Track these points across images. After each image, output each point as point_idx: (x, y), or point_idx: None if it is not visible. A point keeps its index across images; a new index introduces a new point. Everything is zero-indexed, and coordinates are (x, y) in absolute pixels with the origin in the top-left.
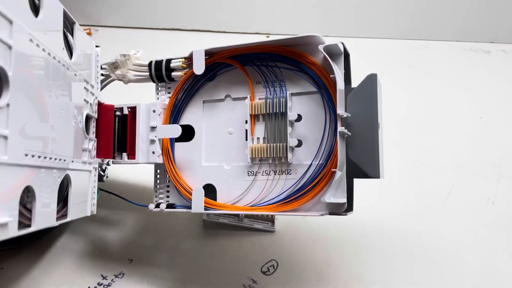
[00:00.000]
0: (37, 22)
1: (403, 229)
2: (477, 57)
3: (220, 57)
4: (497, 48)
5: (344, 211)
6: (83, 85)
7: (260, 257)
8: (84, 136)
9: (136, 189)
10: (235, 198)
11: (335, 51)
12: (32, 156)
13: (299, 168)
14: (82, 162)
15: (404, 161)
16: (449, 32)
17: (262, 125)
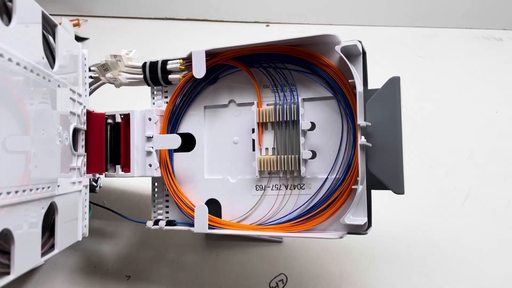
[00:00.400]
0: (9, 31)
1: (419, 237)
2: (489, 45)
3: (222, 58)
4: (510, 36)
5: (364, 230)
6: (69, 96)
7: (268, 271)
8: (71, 153)
9: (132, 196)
10: (242, 215)
11: (353, 52)
12: (7, 193)
13: (313, 182)
14: (71, 183)
15: (417, 161)
16: (458, 18)
17: (271, 134)
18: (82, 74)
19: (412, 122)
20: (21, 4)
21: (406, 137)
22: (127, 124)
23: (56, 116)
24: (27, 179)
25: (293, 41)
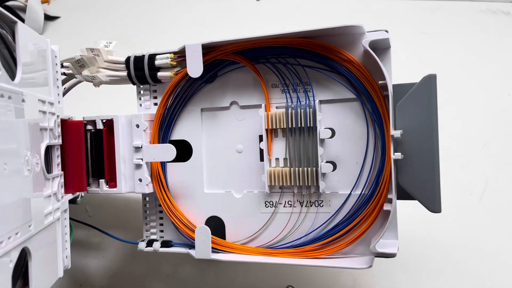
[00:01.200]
0: None
1: (436, 237)
2: (497, 20)
3: (222, 52)
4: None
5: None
6: (37, 108)
7: (273, 284)
8: (45, 178)
9: (118, 201)
10: (249, 236)
11: (380, 45)
12: None
13: (334, 198)
14: (45, 215)
15: None
16: None
17: (281, 142)
18: (53, 75)
19: None
20: None
21: None
22: (110, 131)
23: (21, 139)
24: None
25: (307, 33)
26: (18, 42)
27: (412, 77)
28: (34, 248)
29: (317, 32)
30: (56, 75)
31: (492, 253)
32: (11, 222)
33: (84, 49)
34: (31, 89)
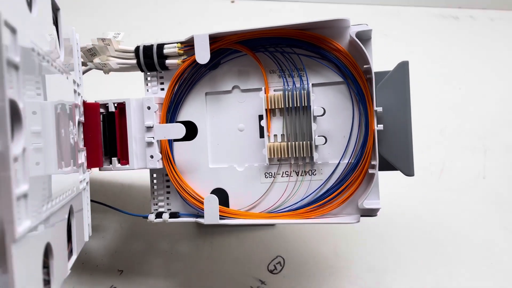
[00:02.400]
0: (33, 19)
1: (404, 212)
2: (448, 23)
3: (226, 42)
4: (464, 14)
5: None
6: (73, 88)
7: (265, 255)
8: (78, 150)
9: (112, 187)
10: (251, 204)
11: (364, 36)
12: (47, 203)
13: (325, 167)
14: (79, 182)
15: None
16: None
17: (279, 121)
18: (78, 61)
19: None
20: None
21: None
22: (121, 113)
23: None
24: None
25: (301, 26)
26: (60, 27)
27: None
28: (75, 208)
29: (310, 25)
30: (79, 61)
31: (448, 221)
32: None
33: (95, 38)
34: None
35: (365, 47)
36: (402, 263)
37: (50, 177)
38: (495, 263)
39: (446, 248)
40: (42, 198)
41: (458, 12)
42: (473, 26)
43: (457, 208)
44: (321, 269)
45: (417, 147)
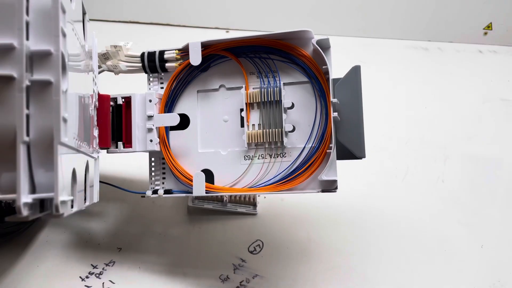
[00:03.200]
0: (72, 11)
1: (369, 206)
2: (417, 53)
3: (215, 49)
4: (433, 46)
5: (334, 188)
6: (92, 75)
7: (246, 239)
8: (94, 123)
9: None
10: (233, 181)
11: (324, 45)
12: (75, 139)
13: (293, 151)
14: (93, 149)
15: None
16: (392, 31)
17: (256, 113)
18: (95, 57)
19: None
20: None
21: None
22: (128, 105)
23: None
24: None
25: (275, 35)
26: (85, 26)
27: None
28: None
29: (282, 35)
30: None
31: (410, 218)
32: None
33: (109, 45)
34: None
35: (325, 54)
36: (367, 248)
37: (77, 125)
38: (449, 251)
39: (407, 237)
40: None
41: (427, 44)
42: (441, 56)
43: (418, 205)
44: (295, 251)
45: (384, 154)
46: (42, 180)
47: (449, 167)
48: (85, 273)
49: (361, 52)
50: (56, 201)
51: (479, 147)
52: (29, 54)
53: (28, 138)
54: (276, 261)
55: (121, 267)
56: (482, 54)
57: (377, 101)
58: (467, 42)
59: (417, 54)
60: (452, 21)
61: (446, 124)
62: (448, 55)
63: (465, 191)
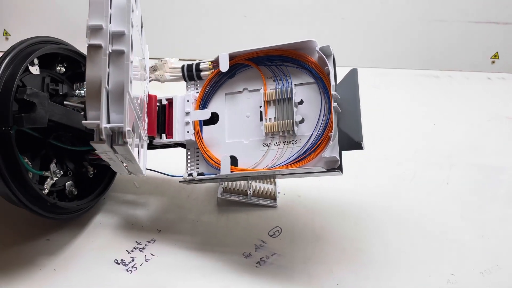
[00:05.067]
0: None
1: (379, 203)
2: (429, 81)
3: (239, 59)
4: (444, 74)
5: (337, 168)
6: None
7: (267, 225)
8: (145, 111)
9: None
10: (254, 164)
11: (327, 52)
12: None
13: (303, 138)
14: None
15: (378, 156)
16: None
17: (273, 108)
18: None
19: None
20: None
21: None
22: (170, 106)
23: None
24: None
25: (287, 46)
26: (143, 39)
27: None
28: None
29: (292, 45)
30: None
31: (416, 212)
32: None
33: (157, 60)
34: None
35: (328, 60)
36: (374, 235)
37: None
38: (453, 243)
39: (410, 231)
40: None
41: (438, 73)
42: (451, 83)
43: (423, 202)
44: (309, 236)
45: (394, 161)
46: (115, 119)
47: (454, 172)
48: (131, 247)
49: (376, 80)
50: (124, 129)
51: (484, 157)
52: (112, 33)
53: (108, 87)
54: (293, 244)
55: (160, 244)
56: (490, 80)
57: (390, 121)
58: (476, 70)
59: (428, 82)
60: (461, 51)
61: (452, 137)
62: (457, 82)
63: (468, 191)
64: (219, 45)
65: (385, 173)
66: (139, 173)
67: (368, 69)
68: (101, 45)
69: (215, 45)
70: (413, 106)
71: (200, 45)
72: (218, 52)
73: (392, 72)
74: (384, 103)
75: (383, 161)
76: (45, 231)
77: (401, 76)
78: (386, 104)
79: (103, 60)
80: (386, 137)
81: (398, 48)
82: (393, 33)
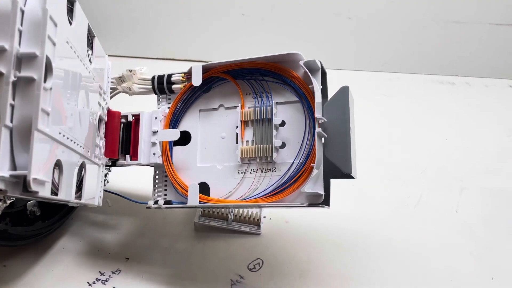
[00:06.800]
0: (71, 29)
1: (377, 233)
2: (444, 88)
3: (215, 71)
4: (461, 81)
5: (321, 203)
6: (98, 90)
7: (247, 256)
8: (97, 133)
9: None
10: (227, 194)
11: (313, 67)
12: (63, 135)
13: (283, 166)
14: (94, 155)
15: (380, 175)
16: (419, 66)
17: (250, 130)
18: (107, 78)
19: (377, 145)
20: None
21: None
22: (137, 123)
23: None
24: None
25: (269, 58)
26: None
27: (373, 125)
28: (88, 168)
29: (275, 58)
30: (108, 79)
31: (419, 246)
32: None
33: (125, 69)
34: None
35: (314, 76)
36: (369, 275)
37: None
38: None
39: (410, 268)
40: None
41: (455, 79)
42: (468, 91)
43: (428, 234)
44: (294, 271)
45: (397, 183)
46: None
47: (465, 197)
48: (93, 279)
49: (384, 86)
50: (28, 177)
51: (500, 180)
52: (19, 56)
53: (11, 124)
54: (274, 280)
55: (126, 276)
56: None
57: (400, 132)
58: (496, 77)
59: (443, 88)
60: (480, 56)
61: (466, 156)
62: (476, 90)
63: (480, 223)
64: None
65: (387, 196)
66: (90, 204)
67: (375, 73)
68: (1, 73)
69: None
70: (424, 118)
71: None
72: (213, 53)
73: (403, 77)
74: (390, 112)
75: (385, 182)
76: (1, 257)
77: (413, 81)
78: (393, 113)
79: (4, 90)
80: (390, 153)
81: (410, 51)
82: (405, 34)
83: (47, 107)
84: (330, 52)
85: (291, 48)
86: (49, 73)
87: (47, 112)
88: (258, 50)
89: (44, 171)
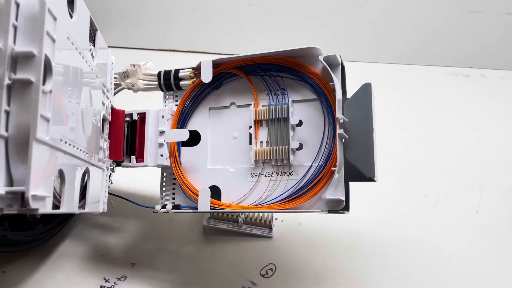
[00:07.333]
0: (72, 23)
1: (393, 236)
2: (458, 80)
3: (226, 67)
4: (475, 73)
5: (342, 209)
6: (101, 87)
7: (259, 261)
8: (100, 135)
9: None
10: (239, 198)
11: (333, 62)
12: (65, 142)
13: (300, 169)
14: (98, 159)
15: (395, 174)
16: (432, 58)
17: (265, 130)
18: (110, 75)
19: (391, 143)
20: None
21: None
22: (142, 121)
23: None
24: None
25: (285, 53)
26: (96, 42)
27: (387, 120)
28: (91, 174)
29: (291, 52)
30: (111, 75)
31: (438, 250)
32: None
33: (129, 64)
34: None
35: (334, 71)
36: (387, 280)
37: (69, 124)
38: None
39: (429, 271)
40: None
41: (469, 71)
42: (483, 84)
43: (448, 236)
44: (309, 276)
45: (414, 182)
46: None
47: (485, 197)
48: (97, 286)
49: (396, 78)
50: (27, 194)
51: None
52: (14, 55)
53: (6, 133)
54: (287, 286)
55: (131, 283)
56: None
57: (414, 128)
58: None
59: (457, 81)
60: (496, 47)
61: (484, 152)
62: (491, 82)
63: (502, 223)
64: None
65: (404, 197)
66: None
67: (387, 65)
68: None
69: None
70: (439, 112)
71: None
72: (220, 44)
73: (415, 69)
74: (404, 107)
75: (402, 182)
76: (0, 263)
77: (426, 73)
78: (406, 108)
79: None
80: (405, 151)
81: (423, 42)
82: (417, 24)
83: (46, 113)
84: (340, 43)
85: (299, 39)
86: (48, 74)
87: (47, 119)
88: (266, 41)
89: (44, 185)
